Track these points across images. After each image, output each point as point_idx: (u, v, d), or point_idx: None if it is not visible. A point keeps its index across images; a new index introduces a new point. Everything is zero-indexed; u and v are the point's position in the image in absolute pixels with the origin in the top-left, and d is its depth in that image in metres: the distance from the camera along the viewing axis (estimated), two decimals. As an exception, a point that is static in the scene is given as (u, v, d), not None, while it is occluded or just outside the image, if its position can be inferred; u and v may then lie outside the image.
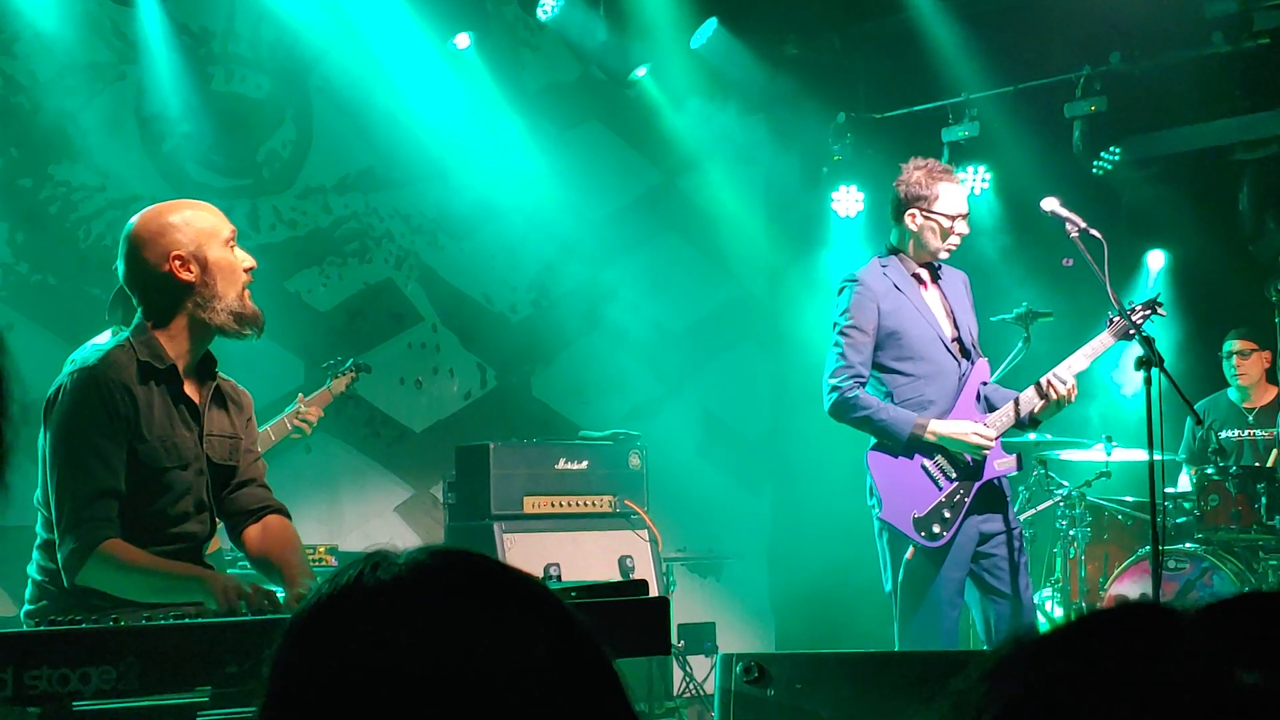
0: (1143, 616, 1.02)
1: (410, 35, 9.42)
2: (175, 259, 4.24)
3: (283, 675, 1.29)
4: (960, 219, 6.33)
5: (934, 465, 6.21)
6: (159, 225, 4.28)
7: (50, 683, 3.03)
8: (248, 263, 4.37)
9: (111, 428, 4.14)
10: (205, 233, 4.30)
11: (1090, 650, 1.00)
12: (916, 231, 6.34)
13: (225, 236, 4.33)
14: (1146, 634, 0.99)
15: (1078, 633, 1.02)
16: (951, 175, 6.43)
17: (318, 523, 9.02)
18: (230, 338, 4.34)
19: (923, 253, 6.37)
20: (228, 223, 4.39)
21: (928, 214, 6.30)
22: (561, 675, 1.27)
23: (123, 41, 8.70)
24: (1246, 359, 9.16)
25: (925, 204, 6.30)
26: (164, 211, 4.33)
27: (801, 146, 10.80)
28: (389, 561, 1.31)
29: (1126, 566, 8.47)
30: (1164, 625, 1.00)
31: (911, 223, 6.34)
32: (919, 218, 6.32)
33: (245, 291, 4.33)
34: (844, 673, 4.76)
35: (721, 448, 10.92)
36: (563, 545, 8.23)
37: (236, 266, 4.32)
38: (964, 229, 6.36)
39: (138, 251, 4.27)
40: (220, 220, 4.37)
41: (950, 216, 6.30)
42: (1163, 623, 1.01)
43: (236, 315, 4.29)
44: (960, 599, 6.24)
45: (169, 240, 4.25)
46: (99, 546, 4.04)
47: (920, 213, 6.31)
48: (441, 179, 9.77)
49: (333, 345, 9.00)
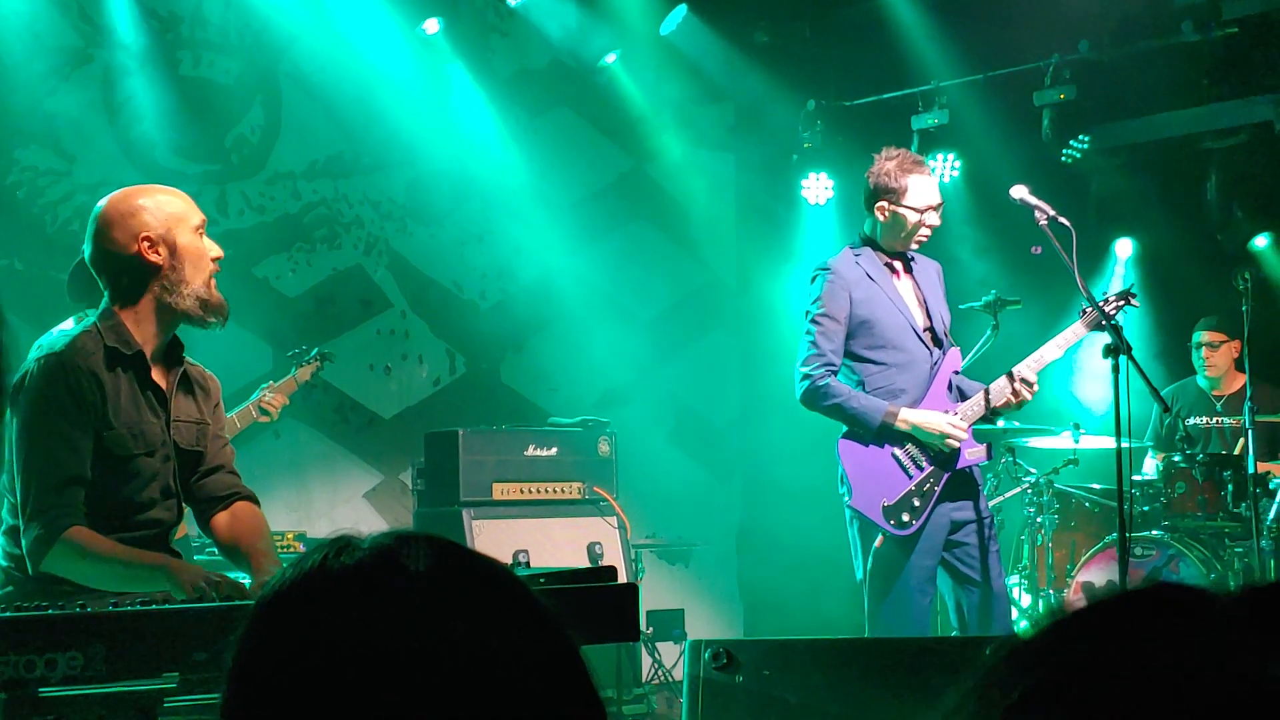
0: (1178, 600, 1.01)
1: (380, 20, 9.40)
2: (144, 240, 4.23)
3: (245, 658, 1.29)
4: (930, 211, 6.33)
5: (904, 454, 6.22)
6: (129, 206, 4.27)
7: (16, 669, 3.01)
8: (215, 252, 4.36)
9: (78, 414, 4.12)
10: (175, 217, 4.29)
11: (1122, 632, 0.99)
12: (887, 223, 6.35)
13: (195, 224, 4.32)
14: (1180, 618, 0.99)
15: (1112, 613, 1.02)
16: (923, 167, 6.43)
17: (286, 509, 9.01)
18: (195, 325, 4.32)
19: (894, 243, 6.38)
20: (198, 211, 4.38)
21: (897, 206, 6.31)
22: (527, 660, 1.27)
23: (90, 25, 8.66)
24: (1216, 350, 9.16)
25: (895, 196, 6.31)
26: (135, 194, 4.32)
27: (771, 134, 10.79)
28: (353, 546, 1.31)
29: (1093, 553, 8.50)
30: (1198, 610, 0.99)
31: (881, 214, 6.34)
32: (888, 210, 6.33)
33: (212, 280, 4.32)
34: (812, 659, 4.76)
35: (691, 435, 10.93)
36: (532, 532, 8.23)
37: (205, 254, 4.31)
38: (934, 221, 6.37)
39: (106, 231, 4.25)
40: (191, 207, 4.36)
41: (919, 209, 6.30)
42: (1197, 608, 1.00)
43: (203, 302, 4.28)
44: (931, 587, 6.25)
45: (138, 222, 4.24)
46: (64, 534, 4.03)
47: (890, 205, 6.32)
48: (411, 165, 9.75)
49: (301, 331, 8.98)
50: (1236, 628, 0.97)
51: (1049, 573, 8.63)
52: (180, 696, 3.23)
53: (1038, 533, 8.66)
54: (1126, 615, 1.01)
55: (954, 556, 6.27)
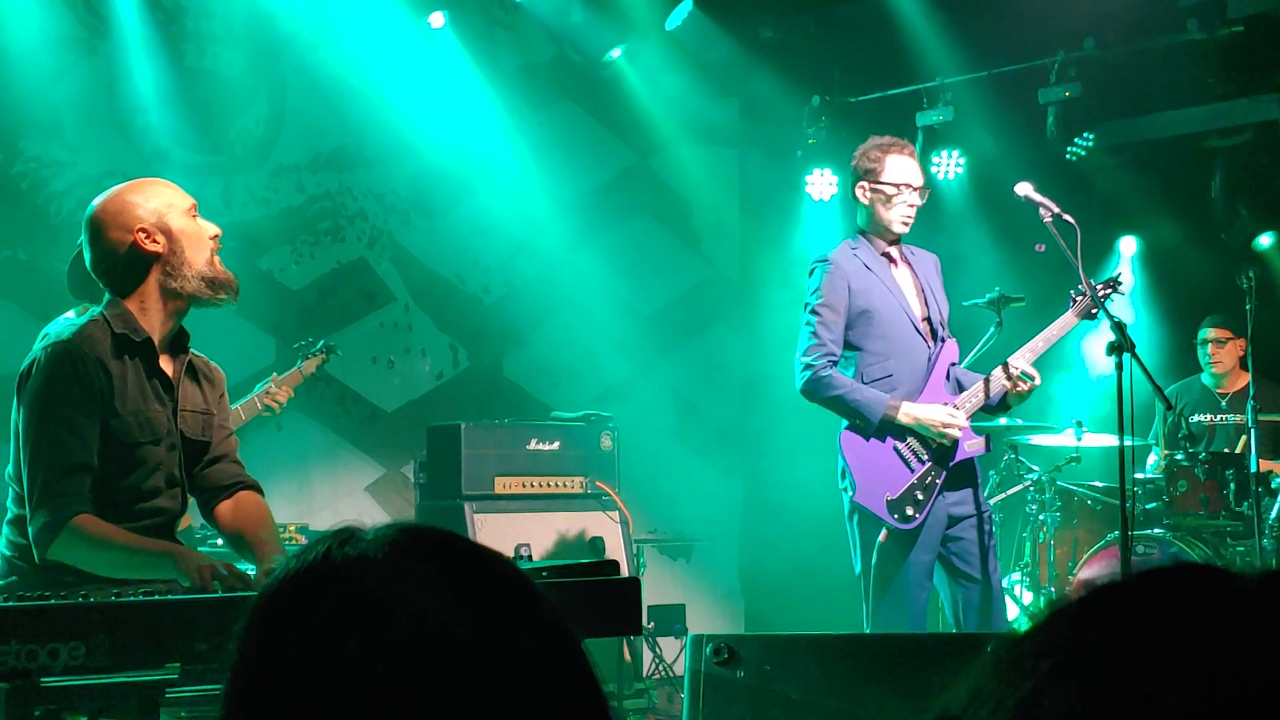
0: (1204, 578, 1.01)
1: (385, 13, 9.39)
2: (140, 232, 4.24)
3: (248, 649, 1.29)
4: (906, 188, 6.32)
5: (906, 447, 6.21)
6: (119, 204, 4.29)
7: (19, 658, 3.02)
8: (212, 230, 4.37)
9: (85, 402, 4.13)
10: (165, 204, 4.30)
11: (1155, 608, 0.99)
12: (869, 205, 6.37)
13: (185, 207, 4.33)
14: (1205, 597, 0.99)
15: (1144, 589, 1.02)
16: (903, 148, 6.43)
17: (288, 501, 9.01)
18: (205, 304, 4.33)
19: (882, 228, 6.38)
20: (186, 195, 4.39)
21: (874, 185, 6.33)
22: (529, 654, 1.27)
23: (95, 16, 8.66)
24: (1222, 347, 9.18)
25: (873, 176, 6.34)
26: (122, 192, 4.34)
27: (776, 129, 10.79)
28: (357, 537, 1.31)
29: (1095, 551, 8.50)
30: (1224, 589, 1.00)
31: (862, 196, 6.38)
32: (867, 190, 6.35)
33: (215, 258, 4.33)
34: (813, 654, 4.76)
35: (693, 429, 10.93)
36: (534, 526, 8.23)
37: (202, 233, 4.33)
38: (915, 200, 6.35)
39: (102, 232, 4.27)
40: (178, 193, 4.37)
41: (896, 185, 6.30)
42: (1223, 586, 1.00)
43: (208, 280, 4.29)
44: (929, 582, 6.24)
45: (130, 216, 4.25)
46: (70, 521, 4.03)
47: (869, 185, 6.34)
48: (415, 158, 9.75)
49: (305, 324, 8.99)
50: (1263, 606, 0.97)
51: (1051, 570, 8.64)
52: (182, 687, 3.23)
53: (1039, 530, 8.66)
54: (1158, 592, 1.01)
55: (950, 552, 6.26)
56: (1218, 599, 0.99)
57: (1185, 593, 1.00)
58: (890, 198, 6.31)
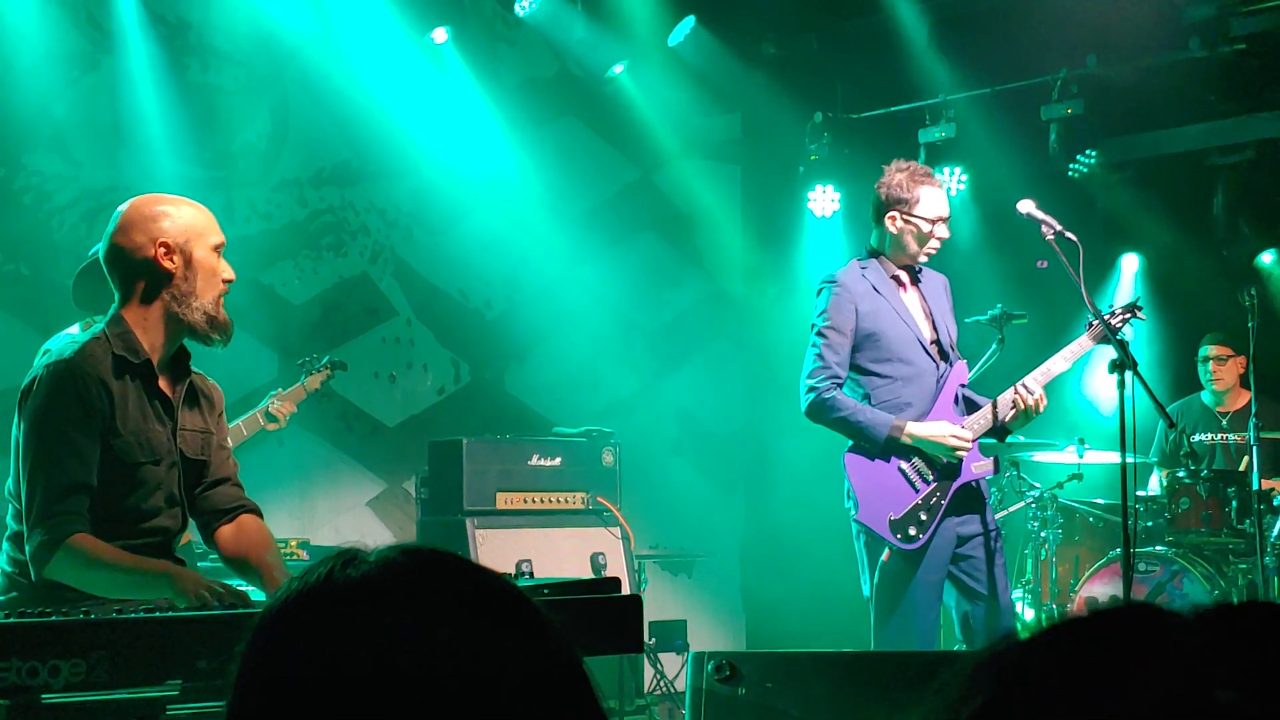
0: (1134, 620, 1.01)
1: (388, 29, 9.40)
2: (161, 245, 4.25)
3: (251, 670, 1.29)
4: (940, 223, 6.30)
5: (911, 467, 6.20)
6: (152, 211, 4.31)
7: (19, 675, 3.01)
8: (228, 274, 4.39)
9: (86, 421, 4.13)
10: (195, 230, 4.32)
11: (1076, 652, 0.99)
12: (896, 234, 6.31)
13: (213, 242, 4.36)
14: (1134, 639, 0.99)
15: (1067, 633, 1.02)
16: (933, 179, 6.41)
17: (289, 516, 9.01)
18: (199, 340, 4.34)
19: (902, 255, 6.35)
20: (219, 232, 4.42)
21: (908, 217, 6.28)
22: (531, 675, 1.27)
23: (99, 31, 8.67)
24: (1223, 364, 9.18)
25: (906, 207, 6.28)
26: (161, 200, 4.38)
27: (778, 146, 10.80)
28: (360, 559, 1.31)
29: (1097, 569, 8.49)
30: (1153, 631, 1.00)
31: (891, 225, 6.31)
32: (899, 220, 6.30)
33: (221, 300, 4.34)
34: (816, 672, 4.76)
35: (695, 446, 10.92)
36: (535, 542, 8.23)
37: (218, 272, 4.34)
38: (944, 233, 6.33)
39: (126, 230, 4.28)
40: (213, 225, 4.40)
41: (930, 220, 6.27)
42: (1153, 628, 1.00)
43: (210, 319, 4.29)
44: (938, 602, 6.23)
45: (158, 227, 4.27)
46: (67, 540, 4.02)
47: (900, 215, 6.29)
48: (418, 173, 9.76)
49: (307, 339, 8.99)
50: (1190, 649, 0.97)
51: (1053, 587, 8.63)
52: (183, 704, 3.23)
53: (1041, 547, 8.66)
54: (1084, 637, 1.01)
55: (960, 570, 6.24)
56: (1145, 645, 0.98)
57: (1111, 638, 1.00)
58: (925, 232, 6.28)
